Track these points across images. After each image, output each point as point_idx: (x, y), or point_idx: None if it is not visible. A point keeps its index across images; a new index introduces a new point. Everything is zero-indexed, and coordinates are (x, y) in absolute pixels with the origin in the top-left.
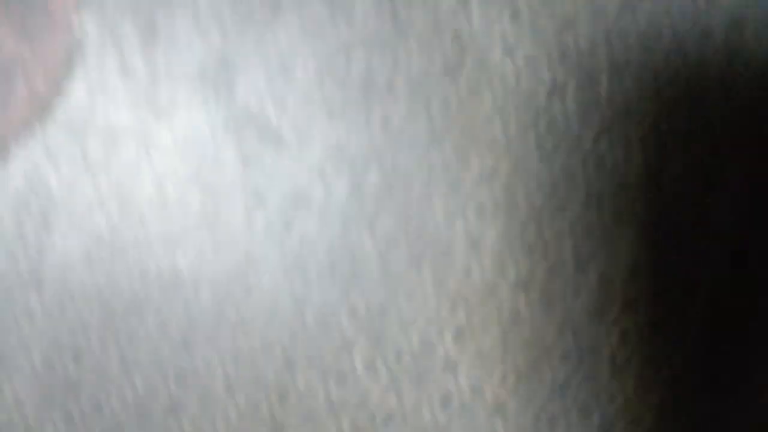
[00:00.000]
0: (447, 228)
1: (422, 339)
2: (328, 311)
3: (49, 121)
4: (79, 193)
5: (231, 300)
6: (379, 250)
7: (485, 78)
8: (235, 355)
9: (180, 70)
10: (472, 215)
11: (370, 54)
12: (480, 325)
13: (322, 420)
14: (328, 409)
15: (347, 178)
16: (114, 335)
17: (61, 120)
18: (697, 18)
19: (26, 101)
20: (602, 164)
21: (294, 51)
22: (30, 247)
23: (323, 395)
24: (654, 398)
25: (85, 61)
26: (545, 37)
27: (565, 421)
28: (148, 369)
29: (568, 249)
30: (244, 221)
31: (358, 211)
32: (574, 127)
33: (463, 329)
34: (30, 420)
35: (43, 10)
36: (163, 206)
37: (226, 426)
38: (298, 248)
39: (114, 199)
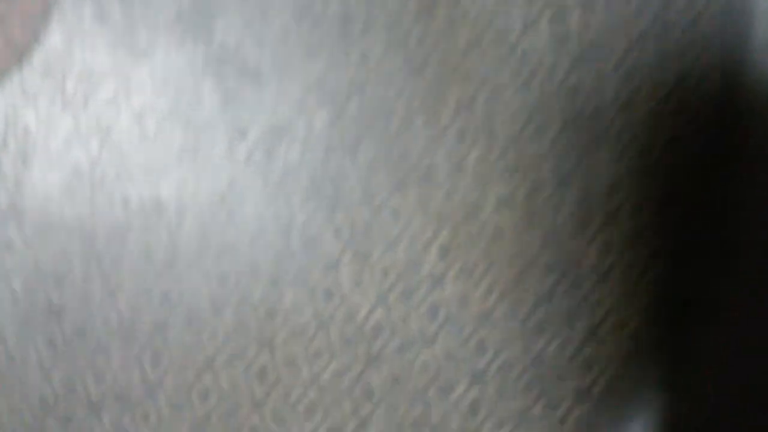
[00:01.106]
0: (428, 153)
1: (408, 257)
2: (313, 232)
3: (27, 67)
4: (57, 130)
5: (215, 226)
6: (361, 175)
7: (459, 15)
8: (220, 276)
9: (157, 15)
10: (453, 141)
11: None
12: (464, 242)
13: (310, 334)
14: (317, 324)
15: (328, 110)
16: (97, 261)
17: (38, 65)
18: None
19: (3, 49)
20: (576, 92)
21: None
22: (8, 182)
23: (311, 312)
24: (637, 303)
25: (62, 10)
26: None
27: (551, 328)
28: (132, 292)
29: (547, 169)
30: (225, 153)
31: (340, 139)
32: (547, 59)
33: (447, 247)
34: (11, 344)
35: None
36: (144, 140)
37: (214, 342)
38: (281, 176)
39: (93, 134)
